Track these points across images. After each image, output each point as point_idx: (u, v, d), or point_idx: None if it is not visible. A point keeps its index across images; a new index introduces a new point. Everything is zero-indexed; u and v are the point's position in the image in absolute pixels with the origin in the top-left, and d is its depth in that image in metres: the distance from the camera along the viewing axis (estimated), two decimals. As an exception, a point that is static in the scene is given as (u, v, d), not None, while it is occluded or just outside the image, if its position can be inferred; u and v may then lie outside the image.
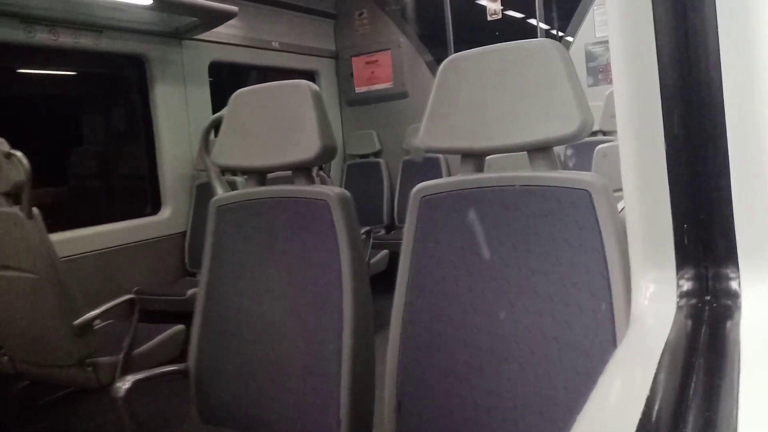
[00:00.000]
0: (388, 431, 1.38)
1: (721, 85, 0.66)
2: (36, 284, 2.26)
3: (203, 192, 3.85)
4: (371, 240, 4.04)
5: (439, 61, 1.33)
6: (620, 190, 0.79)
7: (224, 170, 3.55)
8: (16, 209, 2.24)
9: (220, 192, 2.85)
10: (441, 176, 1.39)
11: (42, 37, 3.23)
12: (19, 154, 2.26)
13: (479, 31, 5.11)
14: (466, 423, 1.28)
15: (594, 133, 3.71)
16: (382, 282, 1.99)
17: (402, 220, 2.72)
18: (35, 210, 2.25)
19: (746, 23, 0.65)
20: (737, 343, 0.60)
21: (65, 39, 3.34)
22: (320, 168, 4.18)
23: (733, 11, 0.65)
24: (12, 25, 3.10)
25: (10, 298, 2.38)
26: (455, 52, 1.39)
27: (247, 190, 1.64)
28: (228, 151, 1.63)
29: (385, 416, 1.39)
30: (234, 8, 3.72)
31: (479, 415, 1.27)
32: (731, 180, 0.67)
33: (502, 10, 4.94)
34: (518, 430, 1.22)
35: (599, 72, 4.56)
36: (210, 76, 4.28)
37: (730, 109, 0.66)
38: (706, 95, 0.67)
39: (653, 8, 0.69)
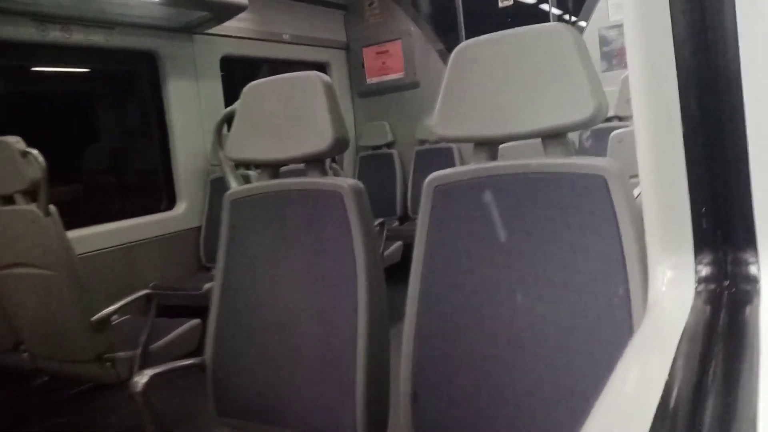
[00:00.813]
0: (404, 421, 1.38)
1: (739, 68, 0.65)
2: (54, 281, 2.28)
3: (217, 186, 3.86)
4: (385, 232, 4.04)
5: (450, 49, 1.32)
6: (636, 175, 0.78)
7: (238, 164, 3.57)
8: (33, 207, 2.26)
9: (234, 186, 2.86)
10: (454, 165, 1.38)
11: (55, 35, 3.25)
12: (35, 152, 2.28)
13: (491, 19, 5.07)
14: (482, 412, 1.28)
15: (609, 119, 3.68)
16: (396, 273, 1.98)
17: (415, 211, 2.72)
18: (52, 207, 2.27)
19: (765, 4, 0.64)
20: (757, 328, 0.59)
21: (77, 36, 3.36)
22: (333, 160, 4.18)
23: None
24: (25, 24, 3.12)
25: (28, 295, 2.41)
26: (466, 40, 1.37)
27: (260, 183, 1.65)
28: (241, 144, 1.63)
29: (401, 406, 1.39)
30: (244, 1, 3.71)
31: (495, 403, 1.26)
32: (750, 163, 0.66)
33: (514, -3, 4.90)
34: (535, 418, 1.22)
35: (613, 57, 4.51)
36: (221, 70, 4.29)
37: (749, 91, 0.65)
38: (723, 78, 0.66)
39: None
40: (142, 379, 1.49)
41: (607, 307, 1.15)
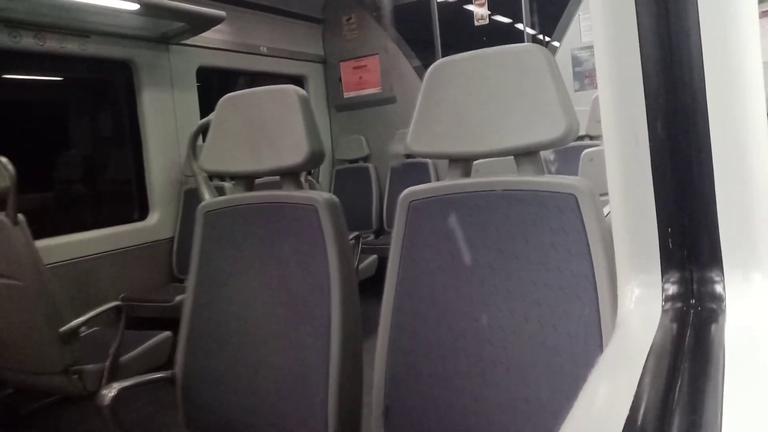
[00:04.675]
0: None
1: (705, 89, 0.67)
2: (21, 291, 2.24)
3: (191, 197, 3.83)
4: (360, 245, 4.04)
5: (426, 65, 1.34)
6: (607, 194, 0.79)
7: (212, 176, 3.54)
8: (1, 215, 2.22)
9: (208, 197, 2.84)
10: (429, 181, 1.39)
11: (28, 42, 3.21)
12: (4, 159, 2.24)
13: (466, 36, 5.13)
14: (454, 426, 1.28)
15: (581, 138, 3.73)
16: (371, 287, 1.98)
17: (391, 225, 2.73)
18: (20, 216, 2.23)
19: (729, 28, 0.66)
20: (722, 346, 0.60)
21: (51, 44, 3.32)
22: (309, 173, 4.17)
23: (715, 16, 0.66)
24: None
25: (-6, 305, 2.36)
26: (443, 57, 1.39)
27: (234, 195, 1.64)
28: (215, 156, 1.62)
29: (372, 421, 1.38)
30: (222, 13, 3.71)
31: (466, 419, 1.27)
32: (715, 184, 0.67)
33: (489, 15, 4.96)
34: None
35: (585, 77, 4.58)
36: (198, 81, 4.27)
37: (714, 113, 0.67)
38: (689, 99, 0.68)
39: (637, 14, 0.70)
40: (110, 392, 1.46)
41: (577, 324, 1.16)
